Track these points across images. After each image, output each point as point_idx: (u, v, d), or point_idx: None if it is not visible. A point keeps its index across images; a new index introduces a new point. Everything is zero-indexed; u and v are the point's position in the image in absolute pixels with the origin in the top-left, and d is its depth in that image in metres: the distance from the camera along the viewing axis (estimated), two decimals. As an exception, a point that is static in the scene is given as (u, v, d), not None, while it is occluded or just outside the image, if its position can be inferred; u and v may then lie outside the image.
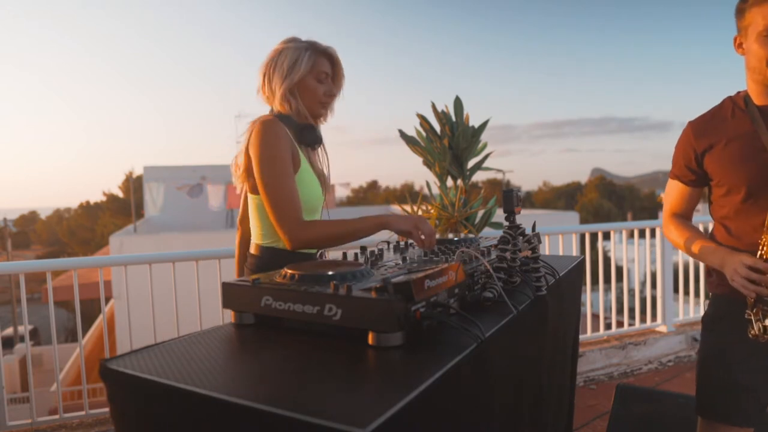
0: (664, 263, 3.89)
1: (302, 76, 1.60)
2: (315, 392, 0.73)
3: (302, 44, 1.63)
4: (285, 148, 1.53)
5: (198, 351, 0.92)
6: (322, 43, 1.66)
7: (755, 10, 1.40)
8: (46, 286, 2.68)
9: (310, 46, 1.63)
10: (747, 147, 1.46)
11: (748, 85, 1.51)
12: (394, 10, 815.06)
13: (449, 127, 3.06)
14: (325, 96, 1.66)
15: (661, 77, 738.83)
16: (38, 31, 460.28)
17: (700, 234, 1.61)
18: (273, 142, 1.52)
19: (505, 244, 1.29)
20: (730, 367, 1.53)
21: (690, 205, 1.67)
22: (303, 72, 1.60)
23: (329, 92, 1.67)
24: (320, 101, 1.66)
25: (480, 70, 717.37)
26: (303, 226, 1.50)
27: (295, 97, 1.63)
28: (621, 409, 2.07)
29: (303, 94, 1.63)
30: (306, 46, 1.62)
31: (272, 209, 1.50)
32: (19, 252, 45.09)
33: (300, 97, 1.63)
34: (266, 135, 1.52)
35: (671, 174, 1.68)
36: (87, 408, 2.69)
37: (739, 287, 1.39)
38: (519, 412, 1.21)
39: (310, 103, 1.65)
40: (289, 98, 1.62)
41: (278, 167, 1.51)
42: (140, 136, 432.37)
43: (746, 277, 1.37)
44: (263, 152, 1.51)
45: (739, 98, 1.53)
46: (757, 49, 1.41)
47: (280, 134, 1.53)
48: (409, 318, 0.88)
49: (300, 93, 1.63)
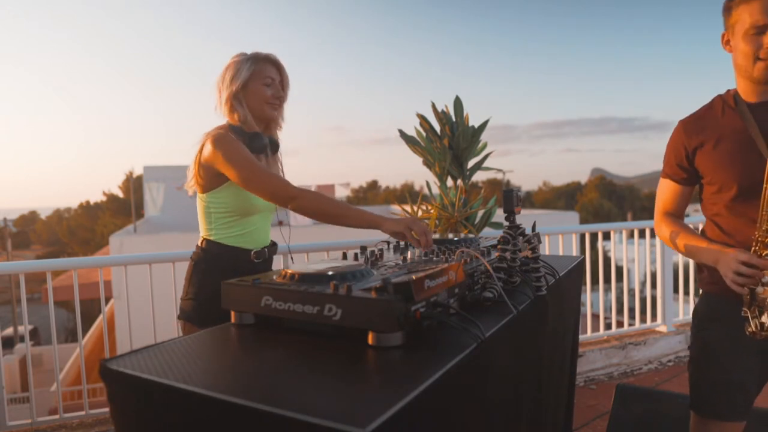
0: (664, 263, 3.89)
1: (244, 82, 1.72)
2: (315, 392, 0.73)
3: (244, 56, 1.76)
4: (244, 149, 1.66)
5: (198, 351, 0.92)
6: (263, 52, 1.79)
7: (742, 8, 1.42)
8: (46, 286, 2.68)
9: (252, 56, 1.76)
10: (738, 144, 1.48)
11: (736, 82, 1.53)
12: (394, 9, 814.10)
13: (449, 127, 3.06)
14: (272, 98, 1.76)
15: (661, 77, 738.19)
16: (38, 31, 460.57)
17: (693, 232, 1.61)
18: (233, 145, 1.64)
19: (505, 244, 1.29)
20: (722, 364, 1.55)
21: (682, 204, 1.67)
22: (245, 78, 1.72)
23: (276, 94, 1.77)
24: (267, 102, 1.76)
25: (480, 70, 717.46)
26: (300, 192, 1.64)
27: (241, 104, 1.73)
28: (621, 409, 2.07)
29: (249, 98, 1.74)
30: (247, 57, 1.76)
31: (266, 189, 1.64)
32: (19, 252, 45.09)
33: (246, 103, 1.74)
34: (222, 141, 1.64)
35: (663, 173, 1.69)
36: (87, 408, 2.69)
37: (731, 283, 1.39)
38: (519, 412, 1.21)
39: (258, 106, 1.75)
40: (235, 106, 1.73)
41: (248, 161, 1.63)
42: (140, 136, 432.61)
43: (736, 271, 1.37)
44: (226, 155, 1.62)
45: (728, 96, 1.55)
46: (744, 47, 1.43)
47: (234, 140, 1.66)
48: (409, 318, 0.88)
49: (246, 98, 1.74)
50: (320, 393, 0.73)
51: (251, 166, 1.63)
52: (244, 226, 1.74)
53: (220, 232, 1.73)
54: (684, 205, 1.68)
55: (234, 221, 1.72)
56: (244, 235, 1.74)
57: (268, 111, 1.77)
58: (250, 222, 1.75)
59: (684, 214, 1.71)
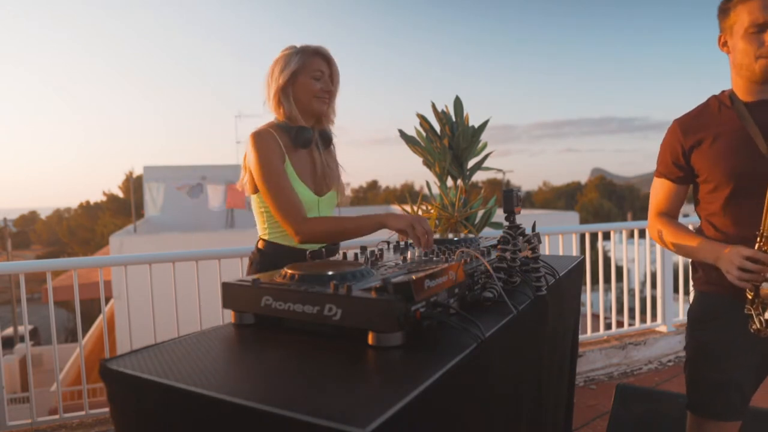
0: (664, 263, 3.89)
1: (293, 75, 1.69)
2: (315, 392, 0.73)
3: (293, 49, 1.73)
4: (275, 155, 1.65)
5: (198, 351, 0.92)
6: (314, 45, 1.74)
7: (740, 8, 1.43)
8: (46, 286, 2.67)
9: (301, 49, 1.72)
10: (734, 142, 1.48)
11: (733, 82, 1.53)
12: (394, 9, 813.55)
13: (449, 127, 3.06)
14: (321, 92, 1.73)
15: (661, 77, 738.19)
16: (38, 31, 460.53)
17: (689, 230, 1.60)
18: (263, 151, 1.64)
19: (505, 244, 1.29)
20: (718, 364, 1.54)
21: (676, 204, 1.66)
22: (292, 71, 1.68)
23: (325, 88, 1.73)
24: (316, 96, 1.72)
25: (480, 70, 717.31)
26: (305, 222, 1.63)
27: (288, 98, 1.71)
28: (621, 409, 2.07)
29: (297, 92, 1.71)
30: (296, 50, 1.72)
31: (277, 211, 1.64)
32: (19, 252, 45.09)
33: (294, 98, 1.71)
34: (256, 145, 1.65)
35: (657, 172, 1.68)
36: (87, 408, 2.69)
37: (734, 280, 1.37)
38: (518, 412, 1.21)
39: (306, 99, 1.72)
40: (282, 101, 1.71)
41: (273, 172, 1.63)
42: (140, 136, 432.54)
43: (740, 267, 1.35)
44: (257, 162, 1.64)
45: (724, 96, 1.55)
46: (745, 45, 1.43)
47: (269, 142, 1.65)
48: (409, 318, 0.88)
49: (294, 93, 1.71)
50: (320, 393, 0.73)
51: (272, 179, 1.62)
52: None
53: (274, 232, 1.72)
54: (678, 205, 1.67)
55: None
56: None
57: (316, 105, 1.74)
58: None
59: (678, 215, 1.69)
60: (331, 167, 1.83)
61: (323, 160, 1.80)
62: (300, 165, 1.74)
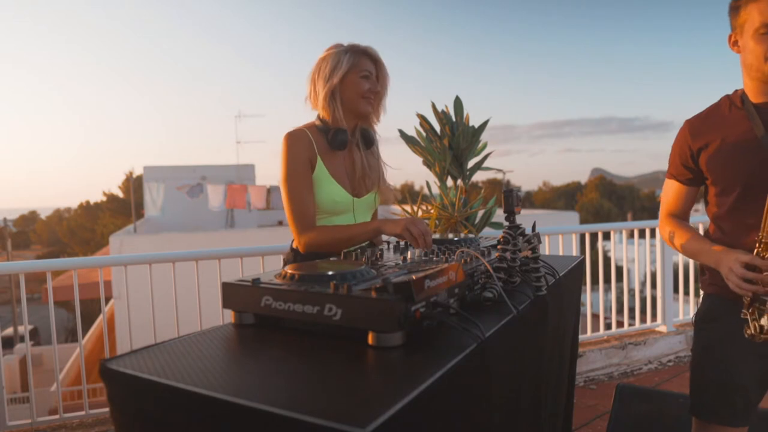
0: (664, 263, 3.89)
1: (343, 75, 1.69)
2: (315, 392, 0.73)
3: (342, 48, 1.73)
4: (300, 159, 1.67)
5: (198, 351, 0.92)
6: (361, 44, 1.74)
7: (751, 7, 1.39)
8: (46, 286, 2.68)
9: (350, 48, 1.72)
10: (742, 144, 1.46)
11: (744, 82, 1.51)
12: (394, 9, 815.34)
13: (449, 127, 3.06)
14: (368, 92, 1.73)
15: (661, 77, 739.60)
16: (38, 31, 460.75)
17: (695, 233, 1.59)
18: (288, 155, 1.67)
19: (505, 244, 1.29)
20: (723, 367, 1.53)
21: (687, 205, 1.65)
22: (344, 71, 1.68)
23: (373, 88, 1.74)
24: (363, 96, 1.72)
25: (480, 70, 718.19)
26: (306, 231, 1.66)
27: (336, 99, 1.71)
28: (621, 409, 2.07)
29: (345, 92, 1.71)
30: (346, 49, 1.72)
31: (288, 215, 1.69)
32: (19, 252, 45.08)
33: (342, 98, 1.71)
34: (285, 148, 1.68)
35: (668, 174, 1.67)
36: (87, 408, 2.69)
37: (734, 287, 1.36)
38: (518, 412, 1.21)
39: (354, 99, 1.72)
40: (330, 102, 1.71)
41: (291, 178, 1.67)
42: (140, 136, 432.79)
43: (742, 276, 1.34)
44: (282, 163, 1.68)
45: (735, 96, 1.52)
46: (754, 46, 1.40)
47: (297, 145, 1.68)
48: (409, 318, 0.88)
49: (342, 93, 1.71)
50: (320, 393, 0.73)
51: (290, 183, 1.66)
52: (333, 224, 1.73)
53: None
54: (689, 207, 1.66)
55: (322, 219, 1.72)
56: None
57: (363, 106, 1.74)
58: (340, 221, 1.74)
59: (689, 216, 1.68)
60: (372, 168, 1.83)
61: (364, 160, 1.80)
62: (336, 166, 1.74)
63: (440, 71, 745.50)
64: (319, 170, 1.71)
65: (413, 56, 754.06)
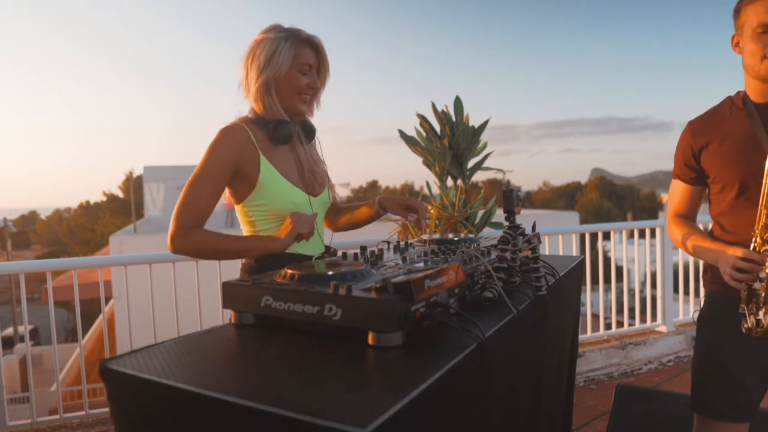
0: (664, 263, 3.89)
1: (281, 68, 1.50)
2: (315, 392, 0.73)
3: (283, 33, 1.52)
4: (221, 160, 1.48)
5: (198, 351, 0.92)
6: (305, 32, 1.55)
7: (750, 8, 1.44)
8: (46, 286, 2.68)
9: (291, 35, 1.52)
10: (742, 143, 1.49)
11: (745, 83, 1.54)
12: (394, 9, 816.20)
13: (449, 127, 3.06)
14: (306, 88, 1.56)
15: (661, 77, 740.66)
16: (38, 30, 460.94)
17: (699, 232, 1.62)
18: (210, 152, 1.48)
19: (505, 244, 1.29)
20: (725, 364, 1.55)
21: (692, 205, 1.68)
22: (282, 64, 1.50)
23: (312, 84, 1.57)
24: (300, 95, 1.56)
25: (480, 70, 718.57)
26: (183, 234, 1.47)
27: (270, 93, 1.53)
28: (621, 409, 2.07)
29: (280, 88, 1.54)
30: (287, 35, 1.52)
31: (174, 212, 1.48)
32: (19, 252, 45.09)
33: (276, 92, 1.54)
34: (210, 146, 1.49)
35: (673, 174, 1.71)
36: (87, 408, 2.69)
37: (728, 279, 1.40)
38: (518, 412, 1.21)
39: (288, 97, 1.55)
40: (264, 94, 1.53)
41: (197, 175, 1.47)
42: (140, 136, 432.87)
43: (734, 266, 1.37)
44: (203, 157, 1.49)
45: (738, 97, 1.56)
46: (752, 46, 1.44)
47: (225, 146, 1.49)
48: (409, 318, 0.88)
49: (277, 87, 1.53)
50: (320, 393, 0.73)
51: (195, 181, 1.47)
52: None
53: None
54: (695, 206, 1.69)
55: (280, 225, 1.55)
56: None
57: (297, 104, 1.57)
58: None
59: (696, 216, 1.71)
60: (315, 163, 1.67)
61: (308, 155, 1.65)
62: (283, 163, 1.58)
63: (440, 71, 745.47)
64: (266, 171, 1.53)
65: (413, 56, 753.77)
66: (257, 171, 1.53)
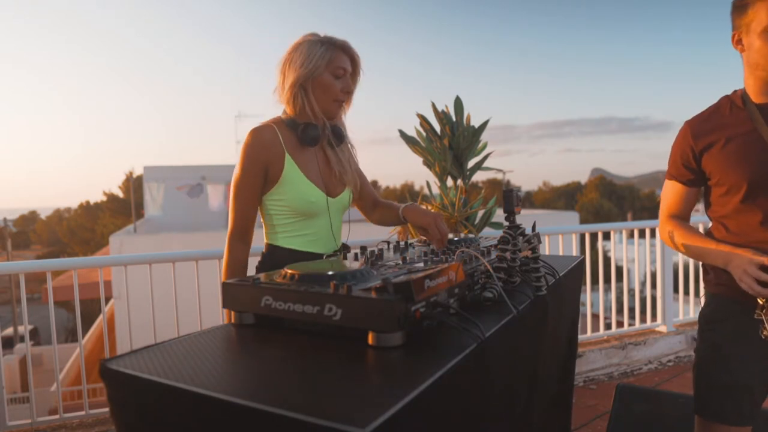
0: (664, 263, 3.89)
1: (316, 70, 1.57)
2: (315, 392, 0.73)
3: (318, 38, 1.60)
4: (254, 161, 1.58)
5: (198, 351, 0.92)
6: (339, 38, 1.62)
7: (759, 6, 1.38)
8: (46, 286, 2.67)
9: (327, 41, 1.60)
10: (747, 145, 1.46)
11: (746, 82, 1.50)
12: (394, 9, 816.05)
13: (449, 127, 3.06)
14: (341, 92, 1.63)
15: (661, 77, 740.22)
16: (38, 30, 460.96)
17: (699, 233, 1.59)
18: (242, 157, 1.59)
19: (505, 244, 1.29)
20: (728, 367, 1.53)
21: (688, 206, 1.65)
22: (317, 66, 1.57)
23: (346, 88, 1.63)
24: (336, 98, 1.63)
25: (480, 70, 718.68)
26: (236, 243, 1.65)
27: (307, 93, 1.59)
28: (621, 409, 2.07)
29: (317, 90, 1.60)
30: (322, 40, 1.60)
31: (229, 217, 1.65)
32: (19, 252, 45.10)
33: (313, 94, 1.60)
34: (244, 147, 1.59)
35: (668, 175, 1.66)
36: (87, 408, 2.69)
37: (748, 289, 1.36)
38: (517, 411, 1.21)
39: (325, 100, 1.62)
40: (298, 94, 1.59)
41: (237, 184, 1.60)
42: (140, 136, 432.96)
43: (757, 278, 1.34)
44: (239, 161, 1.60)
45: (736, 97, 1.52)
46: (761, 45, 1.39)
47: (257, 146, 1.58)
48: (409, 318, 0.88)
49: (313, 89, 1.60)
50: (320, 393, 0.73)
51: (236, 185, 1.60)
52: (308, 227, 1.64)
53: (282, 235, 1.64)
54: (690, 208, 1.65)
55: (295, 222, 1.63)
56: (307, 235, 1.65)
57: (334, 108, 1.64)
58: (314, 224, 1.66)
59: (690, 217, 1.68)
60: (344, 165, 1.73)
61: (337, 157, 1.71)
62: (308, 163, 1.65)
63: (440, 71, 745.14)
64: (289, 168, 1.60)
65: (413, 56, 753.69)
66: (281, 167, 1.60)
